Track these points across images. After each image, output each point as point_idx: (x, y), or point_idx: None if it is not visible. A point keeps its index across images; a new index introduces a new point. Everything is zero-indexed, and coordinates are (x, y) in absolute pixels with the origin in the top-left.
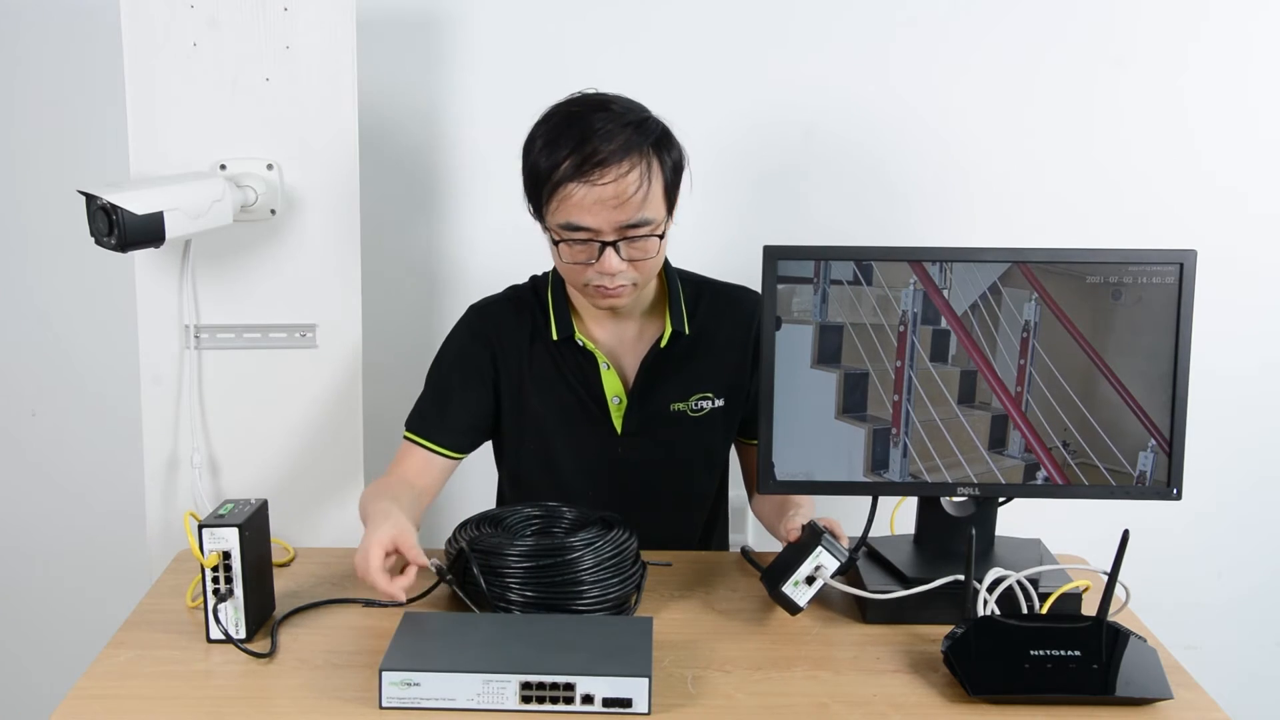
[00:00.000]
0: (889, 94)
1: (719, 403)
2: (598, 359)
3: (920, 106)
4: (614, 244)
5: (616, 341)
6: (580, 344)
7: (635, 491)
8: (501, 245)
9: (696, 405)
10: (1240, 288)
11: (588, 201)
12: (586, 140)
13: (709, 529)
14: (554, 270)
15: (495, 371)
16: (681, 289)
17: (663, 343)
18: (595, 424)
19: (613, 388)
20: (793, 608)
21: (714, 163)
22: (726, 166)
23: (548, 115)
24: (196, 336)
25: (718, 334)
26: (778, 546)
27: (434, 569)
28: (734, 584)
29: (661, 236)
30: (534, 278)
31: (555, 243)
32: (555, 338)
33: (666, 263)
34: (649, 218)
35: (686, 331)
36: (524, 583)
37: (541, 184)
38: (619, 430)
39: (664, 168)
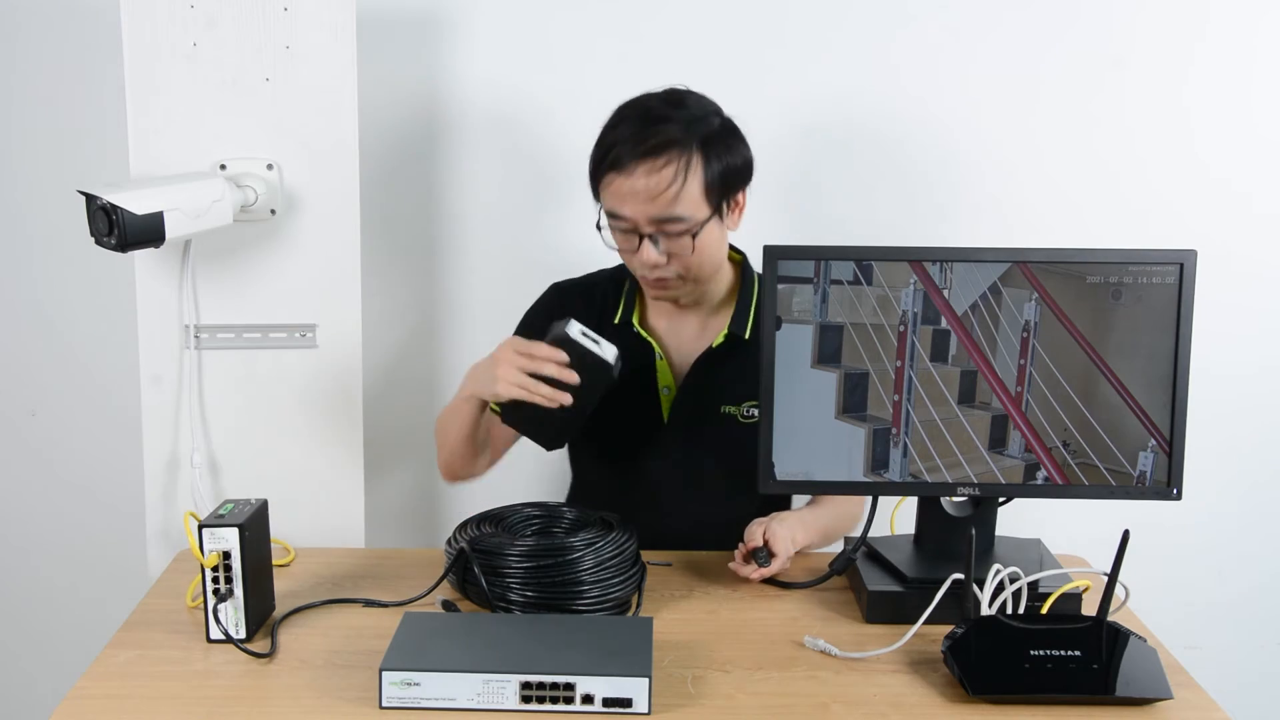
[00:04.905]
0: (890, 95)
1: None
2: (653, 349)
3: (921, 107)
4: (651, 237)
5: (676, 333)
6: (636, 332)
7: (681, 477)
8: (502, 245)
9: (748, 412)
10: (1241, 287)
11: (622, 191)
12: (633, 131)
13: (769, 510)
14: None
15: None
16: (755, 293)
17: (715, 343)
18: (644, 410)
19: (664, 379)
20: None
21: None
22: None
23: (624, 103)
24: (196, 336)
25: None
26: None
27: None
28: (734, 584)
29: (695, 236)
30: (620, 265)
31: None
32: (616, 322)
33: (747, 265)
34: (682, 215)
35: (745, 336)
36: (524, 583)
37: (592, 173)
38: (665, 419)
39: (706, 167)
